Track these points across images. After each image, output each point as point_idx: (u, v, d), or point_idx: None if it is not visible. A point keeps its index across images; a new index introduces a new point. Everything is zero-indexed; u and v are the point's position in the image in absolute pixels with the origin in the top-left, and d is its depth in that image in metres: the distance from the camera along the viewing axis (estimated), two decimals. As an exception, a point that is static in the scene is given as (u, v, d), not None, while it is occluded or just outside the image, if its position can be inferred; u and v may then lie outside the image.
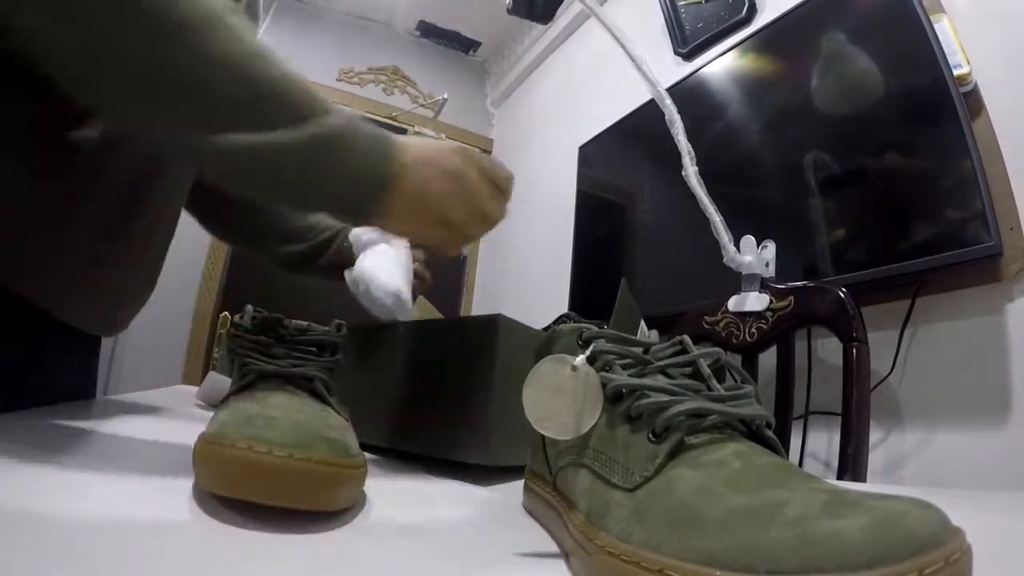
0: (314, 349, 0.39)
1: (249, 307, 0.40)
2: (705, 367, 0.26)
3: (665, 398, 0.23)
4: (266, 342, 0.37)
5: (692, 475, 0.21)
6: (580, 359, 0.26)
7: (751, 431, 0.24)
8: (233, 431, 0.27)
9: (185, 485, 0.31)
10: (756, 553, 0.16)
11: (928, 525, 0.15)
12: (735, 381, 0.26)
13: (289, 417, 0.29)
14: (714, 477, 0.20)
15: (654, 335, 0.29)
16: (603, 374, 0.26)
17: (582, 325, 0.29)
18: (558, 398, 0.26)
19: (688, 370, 0.26)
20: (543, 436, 0.29)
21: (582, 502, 0.24)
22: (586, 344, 0.28)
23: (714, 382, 0.25)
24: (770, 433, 0.24)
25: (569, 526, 0.25)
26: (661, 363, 0.26)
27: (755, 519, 0.17)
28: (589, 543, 0.21)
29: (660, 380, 0.25)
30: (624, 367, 0.26)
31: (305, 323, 0.40)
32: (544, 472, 0.31)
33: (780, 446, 0.24)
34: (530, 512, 0.33)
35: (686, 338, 0.27)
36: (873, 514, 0.15)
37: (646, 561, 0.18)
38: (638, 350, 0.27)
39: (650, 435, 0.23)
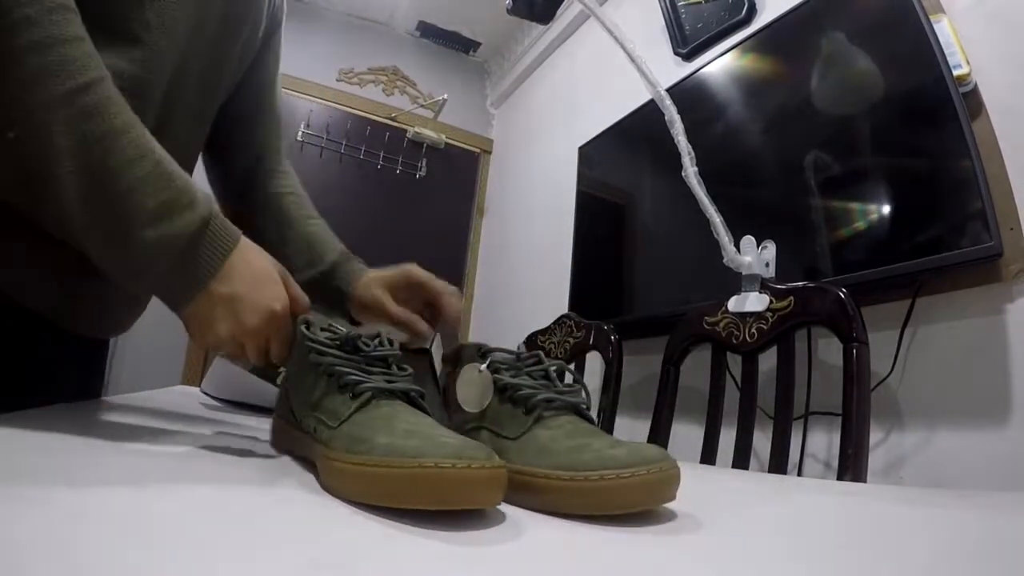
0: (387, 364, 0.42)
1: (311, 318, 0.44)
2: (551, 371, 0.42)
3: (530, 390, 0.40)
4: (358, 360, 0.41)
5: (546, 433, 0.38)
6: (483, 366, 0.42)
7: (578, 411, 0.40)
8: (413, 448, 0.30)
9: (185, 486, 0.31)
10: (576, 463, 0.33)
11: (657, 452, 0.34)
12: (573, 380, 0.43)
13: (444, 431, 0.34)
14: (557, 434, 0.37)
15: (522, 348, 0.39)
16: (495, 375, 0.41)
17: (481, 344, 0.44)
18: (471, 388, 0.42)
19: (543, 372, 0.42)
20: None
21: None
22: (484, 356, 0.43)
23: (559, 381, 0.42)
24: (588, 412, 0.41)
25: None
26: (528, 368, 0.42)
27: (578, 451, 0.35)
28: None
29: (527, 379, 0.41)
30: (506, 370, 0.42)
31: (370, 340, 0.42)
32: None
33: (594, 419, 0.41)
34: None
35: (540, 353, 0.43)
36: (632, 447, 0.34)
37: (522, 472, 0.35)
38: (513, 359, 0.43)
39: (523, 411, 0.39)
